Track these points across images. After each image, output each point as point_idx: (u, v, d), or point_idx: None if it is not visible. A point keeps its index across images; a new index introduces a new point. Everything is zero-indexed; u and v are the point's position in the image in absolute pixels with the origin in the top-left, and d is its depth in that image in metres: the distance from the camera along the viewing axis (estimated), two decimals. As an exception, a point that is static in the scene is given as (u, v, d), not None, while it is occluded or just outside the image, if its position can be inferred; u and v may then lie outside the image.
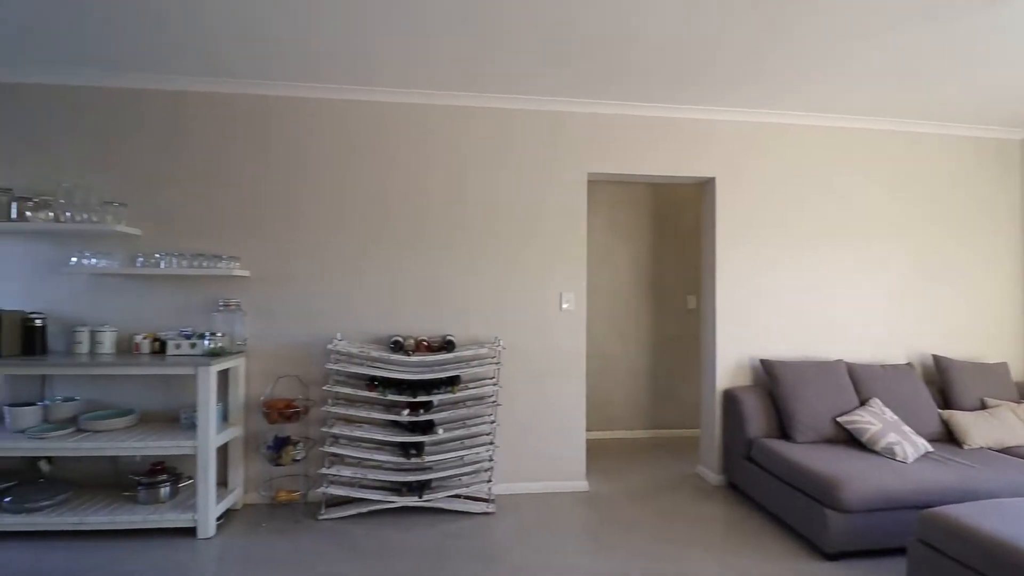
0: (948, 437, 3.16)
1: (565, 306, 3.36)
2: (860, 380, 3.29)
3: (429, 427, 2.97)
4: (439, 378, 3.00)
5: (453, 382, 3.02)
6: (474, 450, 3.04)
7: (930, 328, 3.71)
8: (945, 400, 3.42)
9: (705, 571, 2.40)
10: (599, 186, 4.60)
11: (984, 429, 3.05)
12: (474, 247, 3.31)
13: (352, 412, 2.93)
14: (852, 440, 3.03)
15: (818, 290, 3.60)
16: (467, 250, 3.30)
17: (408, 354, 2.94)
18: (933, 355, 3.57)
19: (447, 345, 3.05)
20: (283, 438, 2.90)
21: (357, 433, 2.93)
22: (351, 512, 2.89)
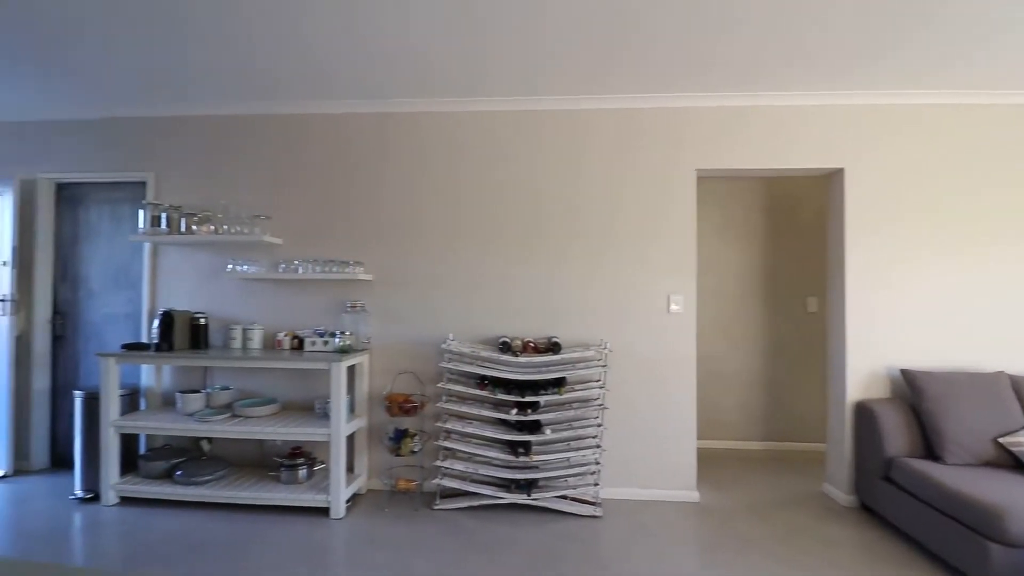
0: None
1: (674, 308, 3.25)
2: (1031, 396, 2.84)
3: (536, 427, 3.03)
4: (546, 379, 3.04)
5: (559, 383, 3.05)
6: (580, 452, 3.05)
7: None
8: None
9: (840, 599, 2.21)
10: (707, 182, 4.40)
11: None
12: (581, 249, 3.31)
13: (464, 409, 3.07)
14: (1018, 465, 2.63)
15: (970, 291, 3.15)
16: (574, 252, 3.32)
17: (516, 355, 3.02)
18: None
19: (553, 347, 3.09)
20: (402, 430, 3.10)
21: (468, 429, 3.06)
22: (463, 504, 3.02)
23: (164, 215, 3.32)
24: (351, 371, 3.24)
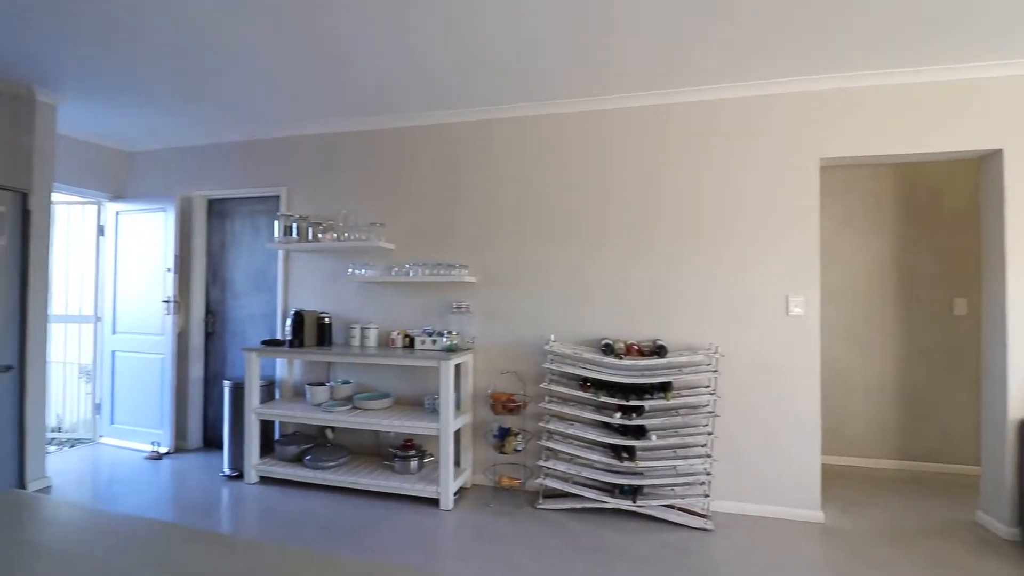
0: None
1: (794, 310, 3.01)
2: None
3: (641, 432, 2.95)
4: (650, 383, 2.96)
5: (665, 388, 2.96)
6: (688, 461, 2.93)
7: None
8: None
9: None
10: (829, 172, 4.03)
11: None
12: (693, 249, 3.19)
13: (566, 410, 3.08)
14: None
15: None
16: (685, 252, 3.20)
17: (619, 357, 2.97)
18: None
19: (658, 350, 3.00)
20: (506, 429, 3.18)
21: (571, 431, 3.06)
22: (567, 506, 3.03)
23: (295, 225, 3.69)
24: (457, 369, 3.38)
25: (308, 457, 3.40)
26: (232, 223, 4.22)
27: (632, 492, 2.95)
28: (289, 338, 3.49)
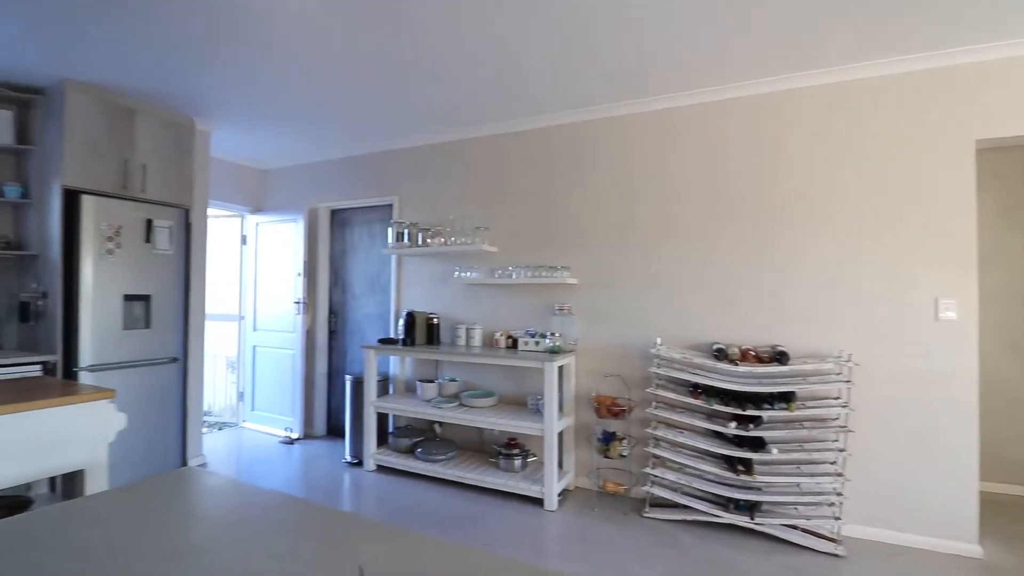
0: None
1: (946, 315, 2.64)
2: None
3: (759, 444, 2.76)
4: (770, 392, 2.75)
5: (787, 398, 2.73)
6: (815, 479, 2.68)
7: None
8: None
9: None
10: (982, 155, 3.49)
11: None
12: (820, 246, 2.93)
13: (675, 417, 2.96)
14: None
15: None
16: (810, 250, 2.95)
17: (735, 363, 2.80)
18: None
19: (779, 357, 2.78)
20: (610, 433, 3.13)
21: (680, 439, 2.94)
22: (676, 517, 2.91)
23: (406, 231, 3.93)
24: (560, 371, 3.39)
25: (420, 450, 3.59)
26: (351, 231, 4.59)
27: (749, 508, 2.76)
28: (402, 337, 3.72)
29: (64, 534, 0.93)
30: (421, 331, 3.74)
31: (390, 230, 4.03)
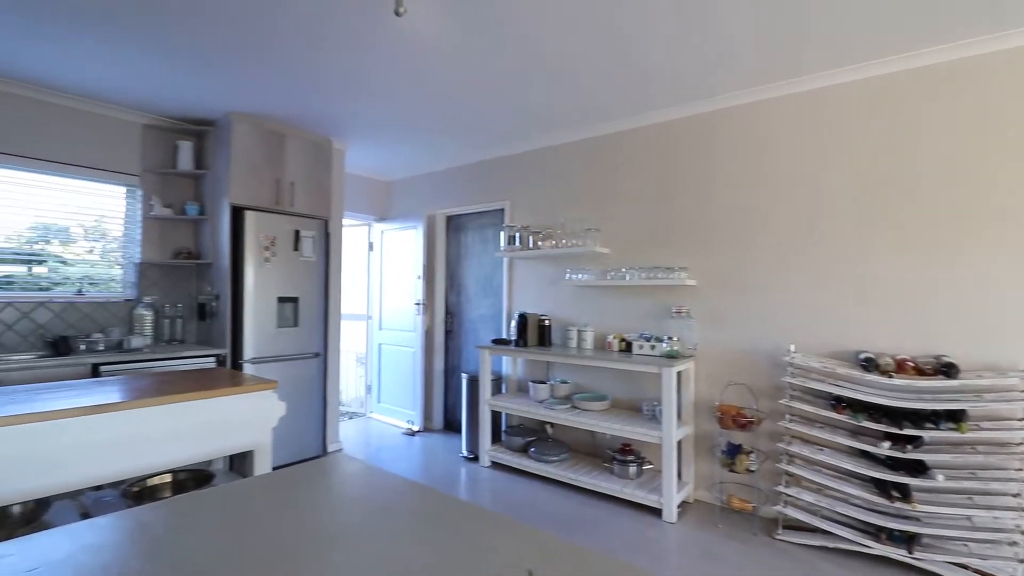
0: None
1: None
2: None
3: (919, 468, 2.41)
4: (933, 410, 2.39)
5: (956, 417, 2.35)
6: (992, 513, 2.28)
7: None
8: None
9: None
10: None
11: None
12: (987, 239, 2.50)
13: (813, 433, 2.69)
14: None
15: None
16: (972, 244, 2.53)
17: (887, 375, 2.47)
18: None
19: (945, 369, 2.40)
20: (736, 445, 2.93)
21: (819, 457, 2.66)
22: (814, 542, 2.64)
23: (517, 234, 4.01)
24: (678, 377, 3.24)
25: (533, 449, 3.65)
26: (465, 235, 4.79)
27: (906, 540, 2.42)
28: (514, 338, 3.80)
29: (242, 506, 1.07)
30: (533, 332, 3.79)
31: (502, 234, 4.14)
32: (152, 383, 2.16)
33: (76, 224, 3.44)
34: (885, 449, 2.45)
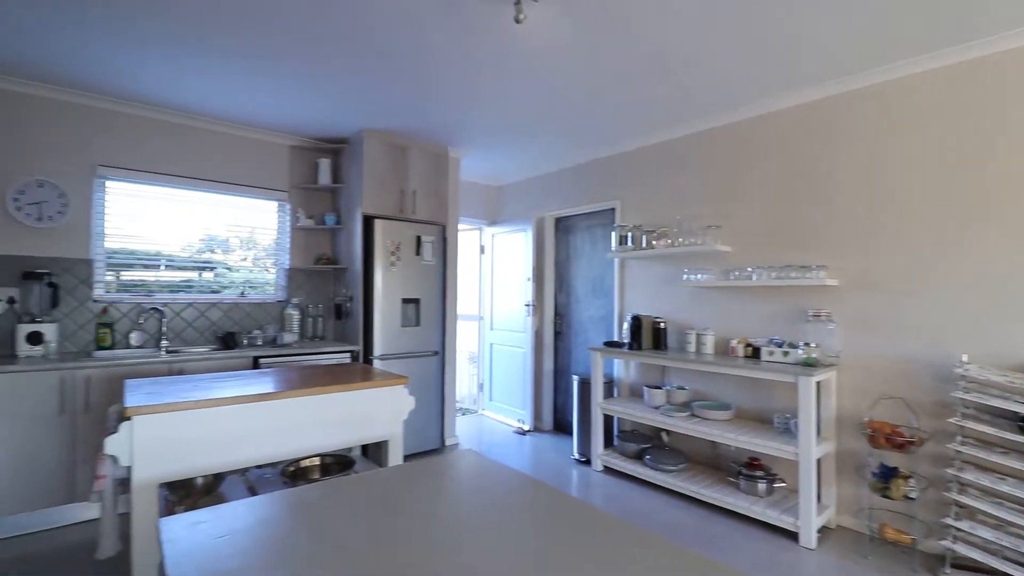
0: None
1: None
2: None
3: None
4: None
5: None
6: None
7: None
8: None
9: None
10: None
11: None
12: None
13: (992, 458, 2.28)
14: None
15: None
16: None
17: (1103, 395, 2.02)
18: None
19: None
20: (891, 468, 2.58)
21: (1002, 487, 2.25)
22: (997, 588, 2.24)
23: (629, 234, 3.91)
24: (817, 387, 2.93)
25: (648, 456, 3.52)
26: (574, 236, 4.77)
27: None
28: (627, 341, 3.70)
29: (387, 492, 1.15)
30: (647, 335, 3.66)
31: (613, 234, 4.05)
32: (302, 375, 2.43)
33: (234, 235, 3.98)
34: (1100, 486, 2.00)
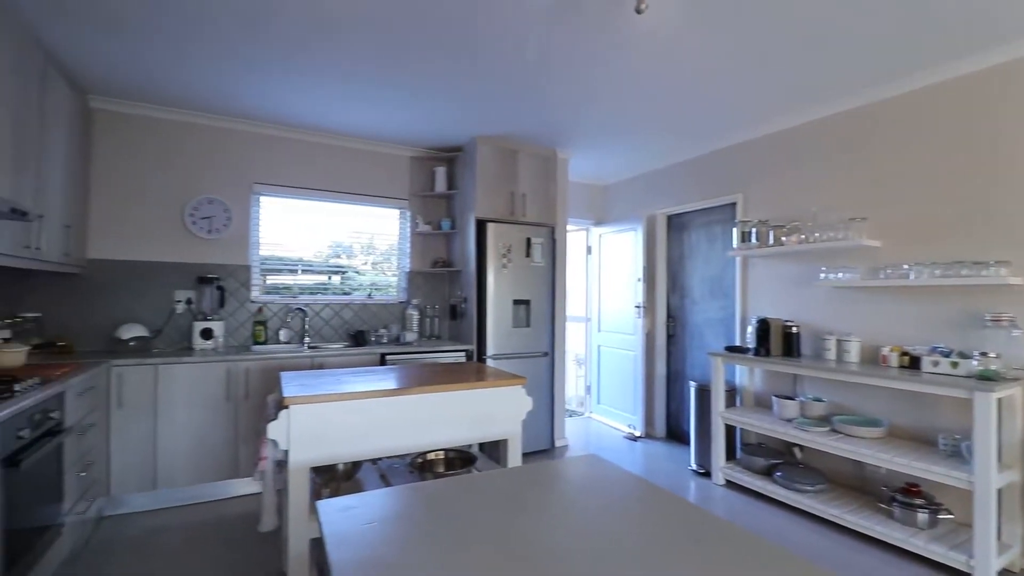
0: None
1: None
2: None
3: None
4: None
5: None
6: None
7: None
8: None
9: None
10: None
11: None
12: None
13: None
14: None
15: None
16: None
17: None
18: None
19: None
20: (1107, 508, 2.11)
21: None
22: None
23: (753, 230, 3.62)
24: (998, 405, 2.49)
25: (779, 473, 3.23)
26: (688, 234, 4.53)
27: None
28: (753, 346, 3.43)
29: (512, 491, 1.16)
30: (776, 340, 3.36)
31: (734, 231, 3.78)
32: (425, 373, 2.57)
33: (358, 242, 4.32)
34: None
